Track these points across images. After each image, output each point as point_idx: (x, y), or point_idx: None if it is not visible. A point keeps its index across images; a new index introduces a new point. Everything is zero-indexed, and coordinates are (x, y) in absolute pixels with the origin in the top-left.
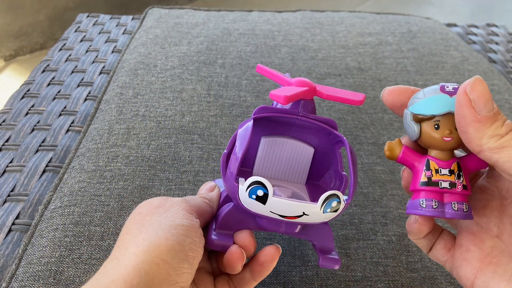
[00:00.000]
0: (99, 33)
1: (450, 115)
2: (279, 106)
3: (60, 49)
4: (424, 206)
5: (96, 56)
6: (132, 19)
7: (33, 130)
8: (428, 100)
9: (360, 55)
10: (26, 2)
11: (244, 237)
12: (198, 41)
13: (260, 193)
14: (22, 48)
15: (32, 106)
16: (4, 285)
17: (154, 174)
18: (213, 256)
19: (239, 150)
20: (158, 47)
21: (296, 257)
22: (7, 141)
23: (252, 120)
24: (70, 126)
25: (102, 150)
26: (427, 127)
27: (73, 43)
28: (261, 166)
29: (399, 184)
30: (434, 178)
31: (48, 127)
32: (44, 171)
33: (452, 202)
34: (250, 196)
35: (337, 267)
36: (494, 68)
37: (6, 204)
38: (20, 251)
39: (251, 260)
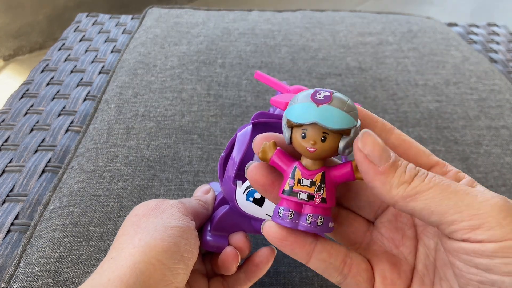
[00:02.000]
0: (99, 32)
1: (315, 125)
2: (277, 112)
3: (60, 49)
4: (281, 215)
5: (96, 56)
6: (132, 18)
7: (32, 130)
8: (298, 107)
9: (360, 55)
10: (25, 2)
11: (239, 238)
12: (198, 41)
13: (257, 195)
14: (21, 48)
15: (31, 106)
16: (3, 285)
17: (153, 174)
18: (207, 258)
19: (237, 155)
20: (157, 46)
21: None
22: (6, 141)
23: (251, 125)
24: (69, 126)
25: (101, 150)
26: (296, 134)
27: (73, 42)
28: None
29: None
30: (295, 188)
31: (47, 127)
32: (43, 171)
33: (308, 215)
34: (247, 198)
35: None
36: (495, 68)
37: (5, 205)
38: (19, 251)
39: (246, 261)
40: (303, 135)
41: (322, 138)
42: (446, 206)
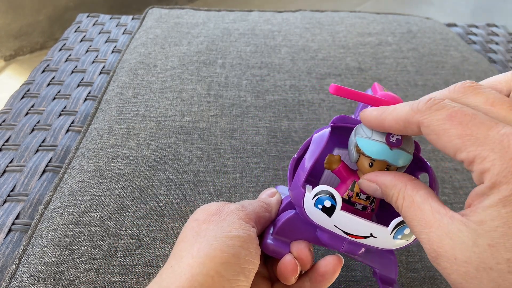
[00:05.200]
0: (99, 33)
1: (384, 162)
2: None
3: (60, 49)
4: None
5: (96, 56)
6: (132, 19)
7: (33, 130)
8: (372, 144)
9: (360, 55)
10: (26, 2)
11: (301, 248)
12: (198, 41)
13: (328, 203)
14: (22, 48)
15: (32, 106)
16: (4, 285)
17: (154, 174)
18: (270, 261)
19: (309, 160)
20: (158, 47)
21: None
22: (7, 141)
23: (329, 128)
24: (70, 126)
25: (102, 150)
26: (364, 161)
27: (73, 43)
28: (329, 177)
29: None
30: (353, 199)
31: (48, 127)
32: (44, 171)
33: None
34: (316, 205)
35: None
36: (494, 68)
37: (6, 204)
38: (20, 251)
39: (311, 269)
40: (370, 164)
41: (386, 168)
42: None
